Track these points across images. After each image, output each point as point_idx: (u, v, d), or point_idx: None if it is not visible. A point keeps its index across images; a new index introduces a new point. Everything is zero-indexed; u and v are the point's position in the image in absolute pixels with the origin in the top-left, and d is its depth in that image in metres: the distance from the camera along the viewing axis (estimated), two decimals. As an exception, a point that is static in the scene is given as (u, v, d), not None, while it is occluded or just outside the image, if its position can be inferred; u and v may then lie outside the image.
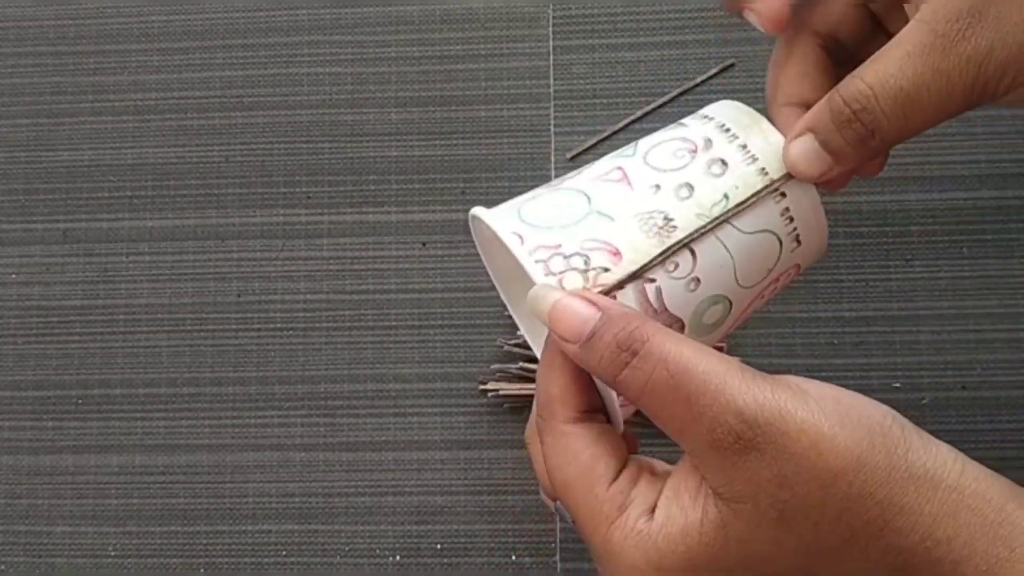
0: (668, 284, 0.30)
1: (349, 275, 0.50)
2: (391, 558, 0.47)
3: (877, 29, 0.34)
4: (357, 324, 0.49)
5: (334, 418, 0.48)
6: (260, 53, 0.52)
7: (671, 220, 0.30)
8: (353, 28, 0.52)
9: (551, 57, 0.51)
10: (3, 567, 0.47)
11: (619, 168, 0.32)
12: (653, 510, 0.28)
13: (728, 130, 0.32)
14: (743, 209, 0.31)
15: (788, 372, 0.46)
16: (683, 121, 0.34)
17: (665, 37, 0.51)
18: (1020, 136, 0.49)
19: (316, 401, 0.48)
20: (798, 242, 0.32)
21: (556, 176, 0.50)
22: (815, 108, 0.31)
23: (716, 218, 0.30)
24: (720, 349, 0.47)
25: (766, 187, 0.31)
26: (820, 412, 0.27)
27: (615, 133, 0.50)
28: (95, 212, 0.51)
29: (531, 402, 0.47)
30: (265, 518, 0.47)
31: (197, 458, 0.48)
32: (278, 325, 0.49)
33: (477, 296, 0.49)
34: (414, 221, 0.50)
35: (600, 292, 0.30)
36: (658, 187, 0.31)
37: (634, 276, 0.30)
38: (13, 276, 0.51)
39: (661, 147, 0.33)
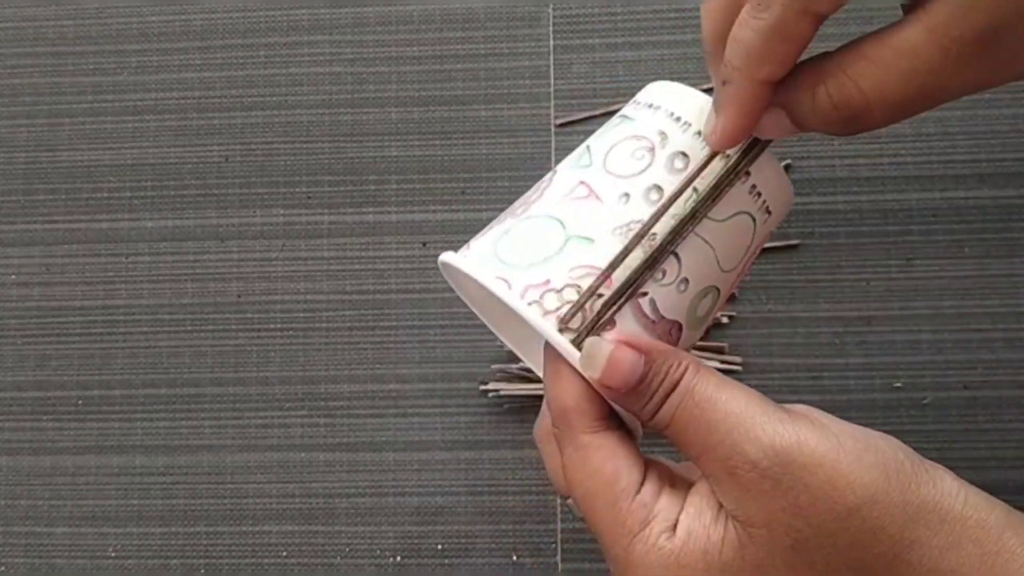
0: (660, 293, 0.30)
1: (349, 275, 0.50)
2: (391, 559, 0.47)
3: None
4: (357, 324, 0.49)
5: (334, 418, 0.48)
6: (260, 53, 0.52)
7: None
8: (353, 28, 0.52)
9: (551, 57, 0.51)
10: (3, 568, 0.47)
11: (583, 183, 0.31)
12: (675, 527, 0.29)
13: (679, 119, 0.31)
14: (714, 198, 0.30)
15: (789, 372, 0.47)
16: (626, 114, 0.33)
17: (665, 37, 0.51)
18: (1021, 135, 0.49)
19: (316, 401, 0.48)
20: (768, 212, 0.32)
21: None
22: (792, 90, 0.28)
23: (690, 214, 0.30)
24: (721, 351, 0.47)
25: (730, 171, 0.30)
26: (839, 447, 0.27)
27: (615, 133, 0.50)
28: (95, 212, 0.51)
29: (532, 403, 0.47)
30: (265, 519, 0.47)
31: (197, 459, 0.48)
32: (278, 325, 0.49)
33: (477, 296, 0.49)
34: (414, 221, 0.50)
35: (601, 320, 0.29)
36: (627, 196, 0.31)
37: (628, 296, 0.30)
38: (13, 277, 0.51)
39: (618, 149, 0.32)
